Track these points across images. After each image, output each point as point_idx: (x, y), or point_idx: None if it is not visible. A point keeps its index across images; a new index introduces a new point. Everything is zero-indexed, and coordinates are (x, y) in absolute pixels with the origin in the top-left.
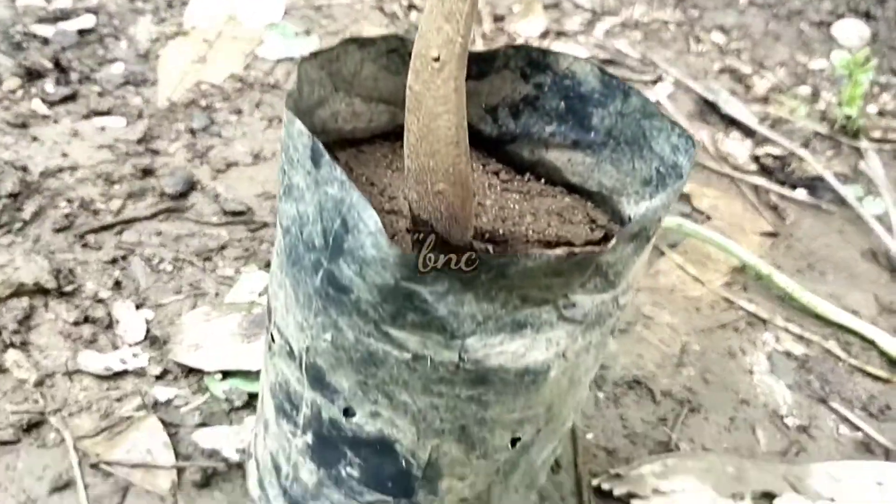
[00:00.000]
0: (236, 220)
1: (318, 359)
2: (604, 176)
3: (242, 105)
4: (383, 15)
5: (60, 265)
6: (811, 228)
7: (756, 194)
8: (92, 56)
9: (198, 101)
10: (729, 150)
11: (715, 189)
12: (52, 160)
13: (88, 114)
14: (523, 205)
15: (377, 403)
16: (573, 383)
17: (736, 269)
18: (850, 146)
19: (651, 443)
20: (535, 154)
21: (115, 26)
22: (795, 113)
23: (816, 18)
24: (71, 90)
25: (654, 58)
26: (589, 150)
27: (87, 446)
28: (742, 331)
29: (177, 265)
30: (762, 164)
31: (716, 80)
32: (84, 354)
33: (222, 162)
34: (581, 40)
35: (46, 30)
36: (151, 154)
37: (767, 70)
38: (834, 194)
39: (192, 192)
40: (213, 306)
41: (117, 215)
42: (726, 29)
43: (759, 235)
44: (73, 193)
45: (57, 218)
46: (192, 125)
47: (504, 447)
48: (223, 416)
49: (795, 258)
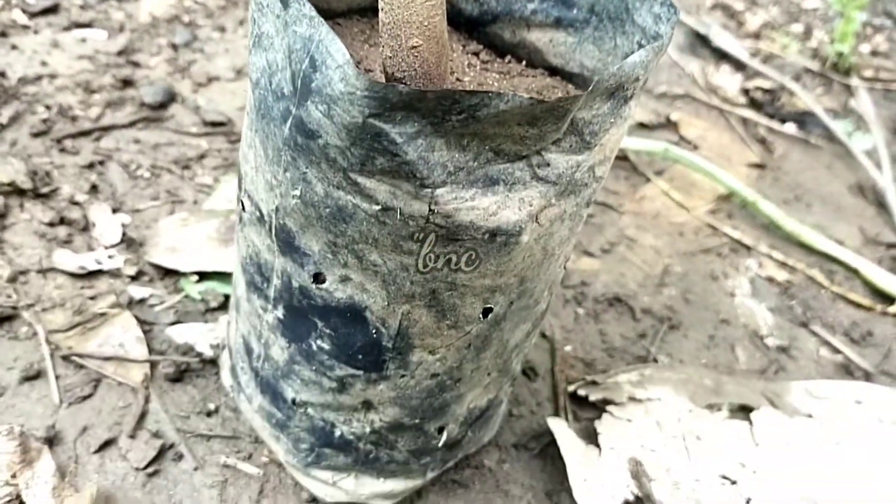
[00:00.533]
0: (216, 131)
1: (287, 220)
2: (585, 56)
3: (226, 23)
4: None
5: (37, 168)
6: (799, 162)
7: (745, 127)
8: None
9: (181, 17)
10: (719, 82)
11: (704, 120)
12: (31, 68)
13: (69, 25)
14: (503, 83)
15: (347, 266)
16: (547, 254)
17: (721, 198)
18: (840, 83)
19: (629, 357)
20: (517, 35)
21: None
22: (787, 49)
23: None
24: (52, 2)
25: None
26: (571, 29)
27: (60, 339)
28: (725, 256)
29: (155, 172)
30: (752, 97)
31: (708, 16)
32: (59, 253)
33: (204, 76)
34: None
35: None
36: (132, 66)
37: (760, 7)
38: (823, 129)
39: (171, 103)
40: (190, 212)
41: (95, 122)
42: None
43: (746, 166)
44: (51, 100)
45: (35, 123)
46: (175, 40)
47: (476, 318)
48: (198, 315)
49: (782, 189)
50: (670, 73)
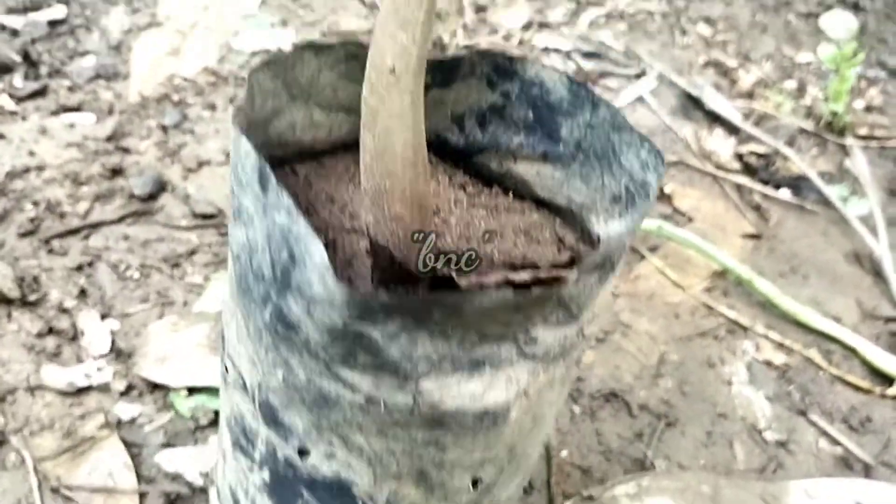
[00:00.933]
0: (207, 224)
1: (270, 395)
2: (573, 191)
3: (216, 100)
4: (362, 5)
5: (25, 272)
6: (794, 229)
7: (739, 194)
8: (63, 48)
9: (170, 96)
10: (712, 147)
11: (697, 188)
12: (19, 159)
13: (57, 110)
14: (490, 221)
15: (332, 445)
16: (536, 421)
17: (717, 273)
18: (835, 143)
19: (627, 460)
20: (504, 166)
21: (87, 17)
22: (781, 108)
23: (804, 10)
24: (40, 84)
25: (638, 50)
26: (558, 164)
27: (48, 468)
28: (722, 339)
29: (144, 272)
30: (746, 162)
31: (700, 75)
32: (47, 369)
33: (194, 160)
34: (564, 32)
35: (16, 21)
36: (121, 152)
37: (753, 63)
38: (818, 194)
39: (161, 193)
40: (180, 315)
41: (84, 218)
42: (712, 20)
43: (741, 237)
44: (39, 195)
45: (22, 222)
46: (164, 121)
47: (465, 489)
48: (188, 436)
49: (778, 261)
50: (663, 139)
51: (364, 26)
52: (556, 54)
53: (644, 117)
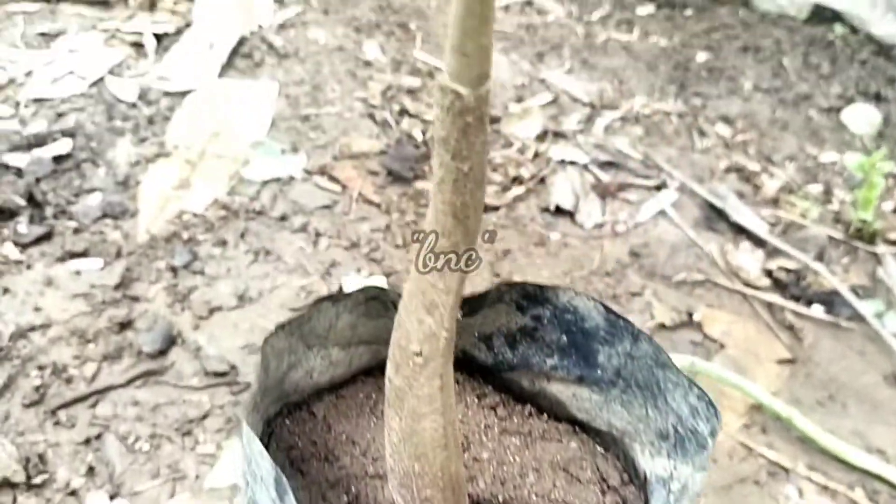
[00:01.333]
0: (219, 382)
1: None
2: (613, 416)
3: (227, 235)
4: (374, 123)
5: (30, 450)
6: (830, 350)
7: (770, 312)
8: (68, 186)
9: (179, 234)
10: (740, 262)
11: (727, 310)
12: (24, 316)
13: (63, 256)
14: (524, 454)
15: None
16: None
17: (754, 406)
18: (866, 251)
19: None
20: (536, 385)
21: (93, 149)
22: (808, 214)
23: (825, 104)
24: (45, 228)
25: (656, 158)
26: (596, 387)
27: None
28: (763, 484)
29: (154, 443)
30: (776, 278)
31: (722, 181)
32: None
33: (205, 307)
34: (580, 140)
35: (20, 159)
36: (129, 301)
37: (776, 166)
38: (853, 310)
39: (171, 347)
40: (192, 493)
41: (92, 383)
42: (731, 119)
43: (775, 363)
44: (45, 358)
45: (27, 390)
46: (174, 262)
47: None
48: None
49: (815, 387)
50: (688, 255)
51: (376, 146)
52: (573, 167)
53: (667, 232)
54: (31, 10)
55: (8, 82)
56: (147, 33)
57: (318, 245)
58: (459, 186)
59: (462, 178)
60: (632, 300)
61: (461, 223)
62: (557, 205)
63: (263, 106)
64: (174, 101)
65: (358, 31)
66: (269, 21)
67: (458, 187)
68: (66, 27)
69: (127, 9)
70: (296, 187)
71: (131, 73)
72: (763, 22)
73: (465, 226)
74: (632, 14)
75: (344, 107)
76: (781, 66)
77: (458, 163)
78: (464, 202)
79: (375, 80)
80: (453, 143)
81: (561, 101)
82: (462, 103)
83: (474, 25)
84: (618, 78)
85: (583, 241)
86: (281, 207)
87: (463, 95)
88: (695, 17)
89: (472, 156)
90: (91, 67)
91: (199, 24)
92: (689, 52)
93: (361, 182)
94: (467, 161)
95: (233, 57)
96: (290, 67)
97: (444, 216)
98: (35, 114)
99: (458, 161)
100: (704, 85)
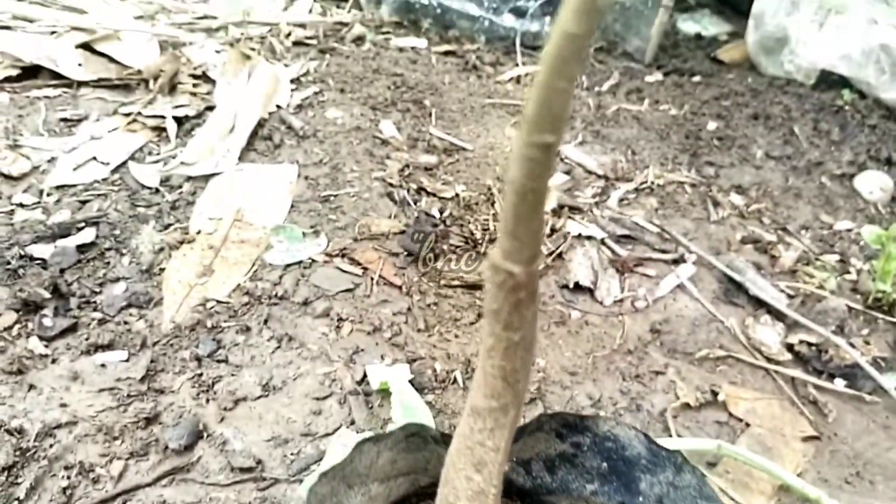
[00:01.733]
0: (245, 478)
1: None
2: None
3: (250, 322)
4: (392, 202)
5: None
6: (854, 425)
7: (794, 387)
8: (92, 275)
9: (203, 322)
10: (761, 337)
11: (750, 387)
12: (51, 413)
13: (88, 349)
14: None
15: None
16: None
17: (782, 488)
18: (886, 321)
19: None
20: None
21: (117, 237)
22: (826, 284)
23: (837, 171)
24: (70, 320)
25: (672, 230)
26: None
27: None
28: None
29: None
30: (797, 351)
31: (739, 252)
32: None
33: (230, 398)
34: (596, 214)
35: (44, 250)
36: (155, 394)
37: (791, 236)
38: (875, 382)
39: (197, 441)
40: None
41: (118, 482)
42: (744, 188)
43: (801, 441)
44: (71, 457)
45: (55, 492)
46: (198, 351)
47: None
48: None
49: (842, 465)
50: (709, 330)
51: (395, 226)
52: (590, 242)
53: (687, 306)
54: (53, 95)
55: (31, 170)
56: (168, 117)
57: (340, 330)
58: (510, 354)
59: (513, 346)
60: (655, 379)
61: (511, 387)
62: (577, 282)
63: (283, 189)
64: (196, 185)
65: (374, 110)
66: (287, 101)
67: (508, 354)
68: (87, 112)
69: (148, 92)
70: (317, 271)
71: (153, 158)
72: (771, 87)
73: (514, 389)
74: (641, 82)
75: (363, 187)
76: (792, 133)
77: (509, 333)
78: (514, 367)
79: (393, 158)
80: (505, 316)
81: (575, 173)
82: (514, 281)
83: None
84: (630, 149)
85: (603, 318)
86: (303, 292)
87: (515, 274)
88: (703, 83)
89: (523, 326)
90: (113, 153)
91: (220, 107)
92: (699, 121)
93: (382, 264)
94: (519, 331)
95: (252, 139)
96: (309, 148)
97: (494, 380)
98: (58, 202)
99: (509, 332)
100: (716, 154)
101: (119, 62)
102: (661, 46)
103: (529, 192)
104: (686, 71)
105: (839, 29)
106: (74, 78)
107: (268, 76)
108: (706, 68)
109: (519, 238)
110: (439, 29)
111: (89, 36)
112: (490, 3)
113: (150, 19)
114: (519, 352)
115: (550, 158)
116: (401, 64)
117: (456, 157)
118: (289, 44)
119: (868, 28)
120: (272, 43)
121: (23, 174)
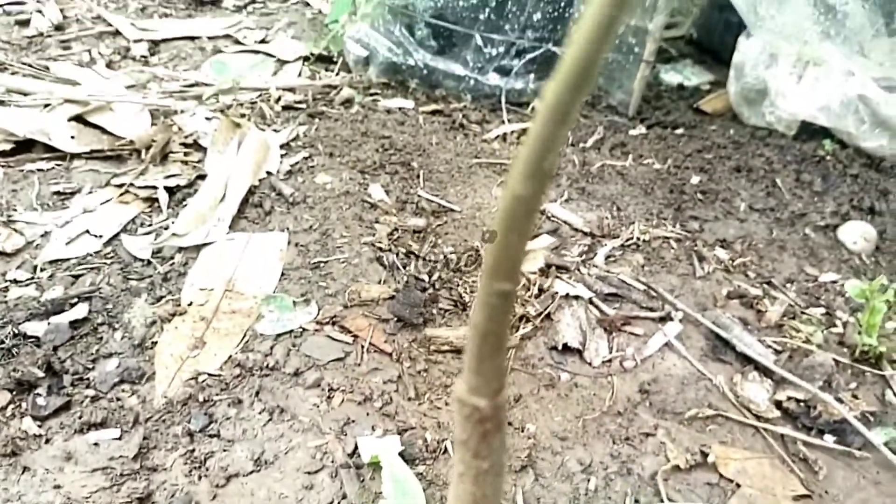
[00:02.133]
0: None
1: None
2: None
3: (242, 394)
4: (382, 267)
5: None
6: (845, 482)
7: (783, 445)
8: (85, 352)
9: (195, 396)
10: (749, 394)
11: (739, 446)
12: (44, 495)
13: (81, 427)
14: None
15: None
16: None
17: None
18: (874, 374)
19: None
20: None
21: (109, 312)
22: (812, 338)
23: (821, 222)
24: (64, 399)
25: (658, 287)
26: None
27: None
28: None
29: None
30: (785, 408)
31: (725, 308)
32: None
33: (222, 474)
34: (583, 272)
35: (38, 327)
36: (148, 473)
37: (777, 290)
38: (864, 438)
39: None
40: None
41: None
42: (729, 242)
43: (792, 501)
44: None
45: None
46: (190, 426)
47: None
48: None
49: None
50: (697, 388)
51: (385, 292)
52: (577, 302)
53: (675, 365)
54: (46, 168)
55: (25, 245)
56: (160, 187)
57: (331, 401)
58: (480, 480)
59: (482, 473)
60: (645, 441)
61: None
62: (565, 343)
63: (274, 257)
64: (188, 255)
65: (363, 173)
66: (277, 167)
67: (478, 481)
68: (80, 184)
69: (140, 162)
70: (308, 340)
71: (145, 230)
72: (753, 139)
73: None
74: (625, 136)
75: (352, 252)
76: (775, 185)
77: (478, 461)
78: (484, 493)
79: (382, 222)
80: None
81: (562, 231)
82: (480, 414)
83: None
84: (616, 205)
85: (592, 379)
86: (294, 362)
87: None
88: (686, 135)
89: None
90: (106, 225)
91: (211, 176)
92: (683, 175)
93: (372, 331)
94: (487, 459)
95: (243, 206)
96: (299, 215)
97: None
98: (52, 277)
99: (478, 460)
100: (700, 207)
101: (111, 133)
102: (645, 98)
103: (491, 334)
104: (669, 123)
105: (818, 81)
106: (67, 150)
107: (258, 143)
108: (689, 119)
109: (483, 374)
110: (426, 89)
111: (82, 108)
112: (475, 63)
113: (142, 88)
114: (489, 478)
115: (509, 303)
116: (389, 126)
117: (444, 218)
118: (278, 108)
119: (845, 80)
120: (262, 108)
121: (17, 250)
